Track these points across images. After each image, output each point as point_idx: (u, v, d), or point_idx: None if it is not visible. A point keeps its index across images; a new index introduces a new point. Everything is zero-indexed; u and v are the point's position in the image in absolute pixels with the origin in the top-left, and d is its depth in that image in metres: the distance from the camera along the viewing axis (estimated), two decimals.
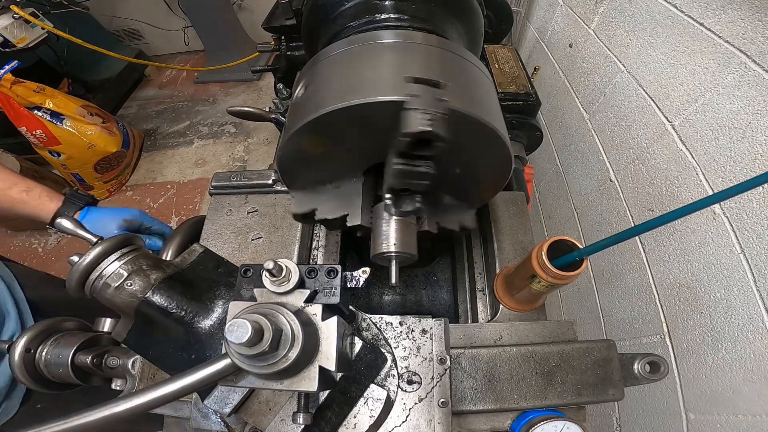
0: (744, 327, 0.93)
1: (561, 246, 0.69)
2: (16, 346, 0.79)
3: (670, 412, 1.15)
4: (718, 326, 1.00)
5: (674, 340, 1.16)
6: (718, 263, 1.01)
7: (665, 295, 1.20)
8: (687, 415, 1.09)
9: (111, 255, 0.65)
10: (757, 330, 0.90)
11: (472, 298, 1.00)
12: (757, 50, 0.90)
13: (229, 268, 0.76)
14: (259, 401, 0.65)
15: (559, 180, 1.96)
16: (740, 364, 0.94)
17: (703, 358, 1.04)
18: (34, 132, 2.91)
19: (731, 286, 0.97)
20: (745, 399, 0.93)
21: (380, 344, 0.73)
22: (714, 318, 1.01)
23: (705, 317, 1.04)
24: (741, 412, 0.93)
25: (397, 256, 0.66)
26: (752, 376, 0.91)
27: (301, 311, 0.53)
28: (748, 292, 0.92)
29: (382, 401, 0.65)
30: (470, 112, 0.57)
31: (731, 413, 0.96)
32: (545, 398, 0.72)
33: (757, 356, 0.90)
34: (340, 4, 0.99)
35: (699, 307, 1.06)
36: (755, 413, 0.90)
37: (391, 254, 0.66)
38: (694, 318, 1.08)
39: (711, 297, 1.02)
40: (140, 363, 0.81)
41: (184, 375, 0.51)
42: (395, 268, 0.67)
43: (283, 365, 0.47)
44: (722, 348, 0.99)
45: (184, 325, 0.66)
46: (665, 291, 1.20)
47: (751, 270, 0.91)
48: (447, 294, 1.17)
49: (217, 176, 1.06)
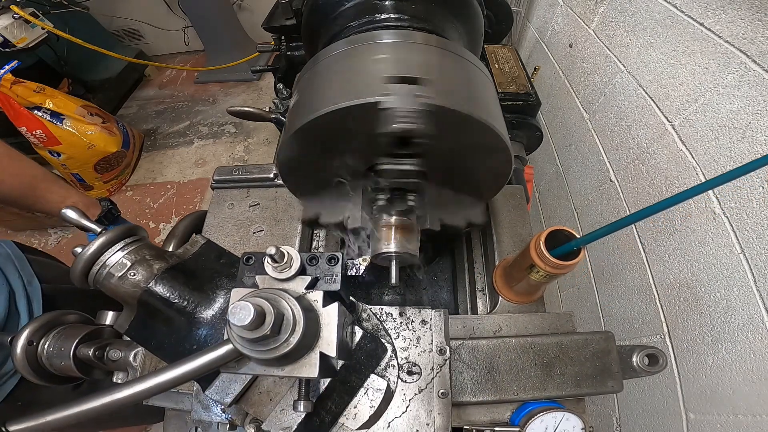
0: (744, 327, 0.93)
1: (559, 236, 0.69)
2: (18, 338, 0.79)
3: (670, 412, 1.15)
4: (718, 326, 1.00)
5: (674, 339, 1.16)
6: (718, 263, 1.01)
7: (665, 294, 1.20)
8: (687, 415, 1.09)
9: (115, 245, 0.66)
10: (757, 330, 0.90)
11: (472, 299, 1.00)
12: (757, 50, 0.91)
13: (231, 259, 0.76)
14: (259, 392, 0.65)
15: (559, 180, 1.96)
16: (740, 364, 0.94)
17: (703, 357, 1.04)
18: (34, 132, 2.92)
19: (731, 286, 0.97)
20: (745, 399, 0.93)
21: (380, 334, 0.73)
22: (714, 318, 1.02)
23: (705, 317, 1.04)
24: (741, 411, 0.93)
25: (397, 256, 0.66)
26: (752, 375, 0.91)
27: (303, 297, 0.53)
28: (748, 292, 0.92)
29: (383, 391, 0.65)
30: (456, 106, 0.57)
31: (731, 413, 0.95)
32: (544, 389, 0.72)
33: (757, 356, 0.90)
34: (340, 4, 1.00)
35: (699, 307, 1.06)
36: (755, 413, 0.90)
37: (390, 254, 0.66)
38: (694, 318, 1.08)
39: (711, 297, 1.03)
40: (142, 355, 0.81)
41: (185, 361, 0.51)
42: (395, 268, 0.67)
43: (285, 350, 0.47)
44: (722, 348, 0.99)
45: (186, 316, 0.66)
46: (665, 291, 1.21)
47: (751, 270, 0.92)
48: (447, 294, 1.17)
49: (219, 170, 1.07)
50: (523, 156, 1.52)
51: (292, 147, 0.64)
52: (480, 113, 0.59)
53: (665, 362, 0.73)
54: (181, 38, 4.91)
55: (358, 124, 0.59)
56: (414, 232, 0.70)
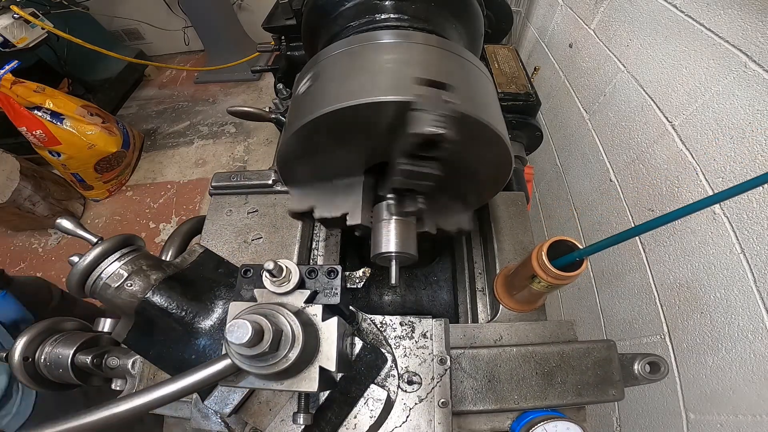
0: (744, 327, 0.93)
1: (561, 246, 0.69)
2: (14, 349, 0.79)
3: (670, 412, 1.15)
4: (718, 326, 1.00)
5: (674, 340, 1.16)
6: (718, 263, 1.01)
7: (665, 295, 1.20)
8: (687, 415, 1.09)
9: (111, 255, 0.65)
10: (757, 330, 0.90)
11: (472, 298, 1.00)
12: (757, 50, 0.90)
13: (230, 269, 0.76)
14: (259, 402, 0.65)
15: (559, 180, 1.96)
16: (740, 364, 0.94)
17: (703, 358, 1.04)
18: (34, 132, 2.91)
19: (731, 286, 0.97)
20: (745, 399, 0.93)
21: (380, 344, 0.73)
22: (714, 318, 1.01)
23: (705, 317, 1.04)
24: (741, 412, 0.93)
25: (397, 256, 0.66)
26: (752, 376, 0.91)
27: (302, 312, 0.53)
28: (748, 292, 0.92)
29: (383, 401, 0.65)
30: (475, 114, 0.57)
31: (731, 413, 0.95)
32: (545, 398, 0.72)
33: (757, 356, 0.90)
34: (340, 4, 0.99)
35: (699, 307, 1.06)
36: (755, 413, 0.90)
37: (391, 254, 0.66)
38: (694, 318, 1.08)
39: (711, 297, 1.02)
40: (140, 363, 0.81)
41: (184, 375, 0.51)
42: (395, 268, 0.67)
43: (284, 366, 0.47)
44: (722, 348, 0.99)
45: (184, 326, 0.66)
46: (665, 291, 1.20)
47: (751, 270, 0.91)
48: (447, 294, 1.17)
49: (217, 176, 1.06)
50: (523, 156, 1.51)
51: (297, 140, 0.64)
52: (481, 114, 0.59)
53: (666, 370, 0.73)
54: (181, 38, 4.90)
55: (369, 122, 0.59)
56: (414, 233, 0.70)
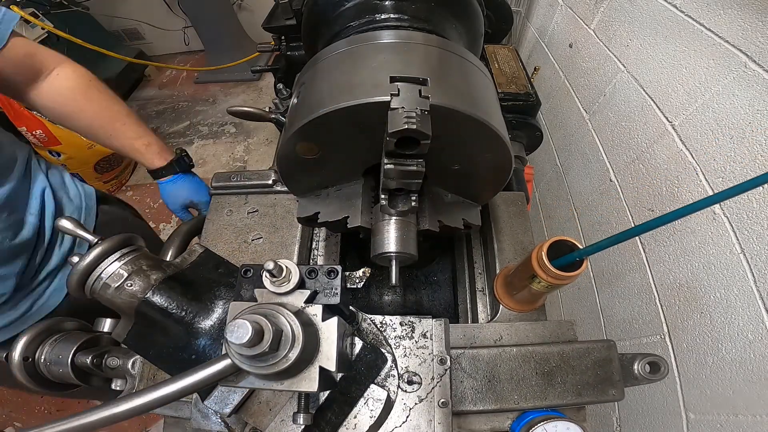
0: (744, 327, 0.93)
1: (561, 246, 0.68)
2: (13, 353, 0.79)
3: (670, 412, 1.15)
4: (718, 326, 1.00)
5: (674, 340, 1.16)
6: (718, 263, 1.01)
7: (665, 295, 1.20)
8: (687, 415, 1.09)
9: (111, 255, 0.65)
10: (757, 330, 0.90)
11: (472, 298, 1.00)
12: (757, 50, 0.90)
13: (230, 269, 0.76)
14: (259, 402, 0.65)
15: (559, 180, 1.96)
16: (740, 364, 0.94)
17: (703, 358, 1.04)
18: (34, 132, 2.91)
19: (731, 286, 0.97)
20: (745, 399, 0.93)
21: (380, 344, 0.73)
22: (714, 318, 1.01)
23: (705, 317, 1.04)
24: (741, 412, 0.93)
25: (397, 256, 0.66)
26: (752, 376, 0.91)
27: (302, 312, 0.53)
28: (748, 292, 0.92)
29: (383, 401, 0.65)
30: (457, 106, 0.57)
31: (731, 413, 0.95)
32: (545, 398, 0.72)
33: (757, 356, 0.90)
34: (340, 4, 0.99)
35: (699, 307, 1.06)
36: (755, 413, 0.90)
37: (391, 254, 0.66)
38: (694, 318, 1.08)
39: (711, 297, 1.02)
40: (140, 363, 0.81)
41: (184, 375, 0.51)
42: (395, 268, 0.67)
43: (284, 366, 0.46)
44: (722, 348, 0.99)
45: (185, 326, 0.66)
46: (665, 291, 1.20)
47: (751, 270, 0.91)
48: (447, 294, 1.17)
49: (217, 176, 1.06)
50: (523, 156, 1.51)
51: (295, 143, 0.64)
52: (481, 113, 0.59)
53: (666, 370, 0.73)
54: (181, 38, 4.91)
55: (362, 122, 0.59)
56: (413, 233, 0.70)
